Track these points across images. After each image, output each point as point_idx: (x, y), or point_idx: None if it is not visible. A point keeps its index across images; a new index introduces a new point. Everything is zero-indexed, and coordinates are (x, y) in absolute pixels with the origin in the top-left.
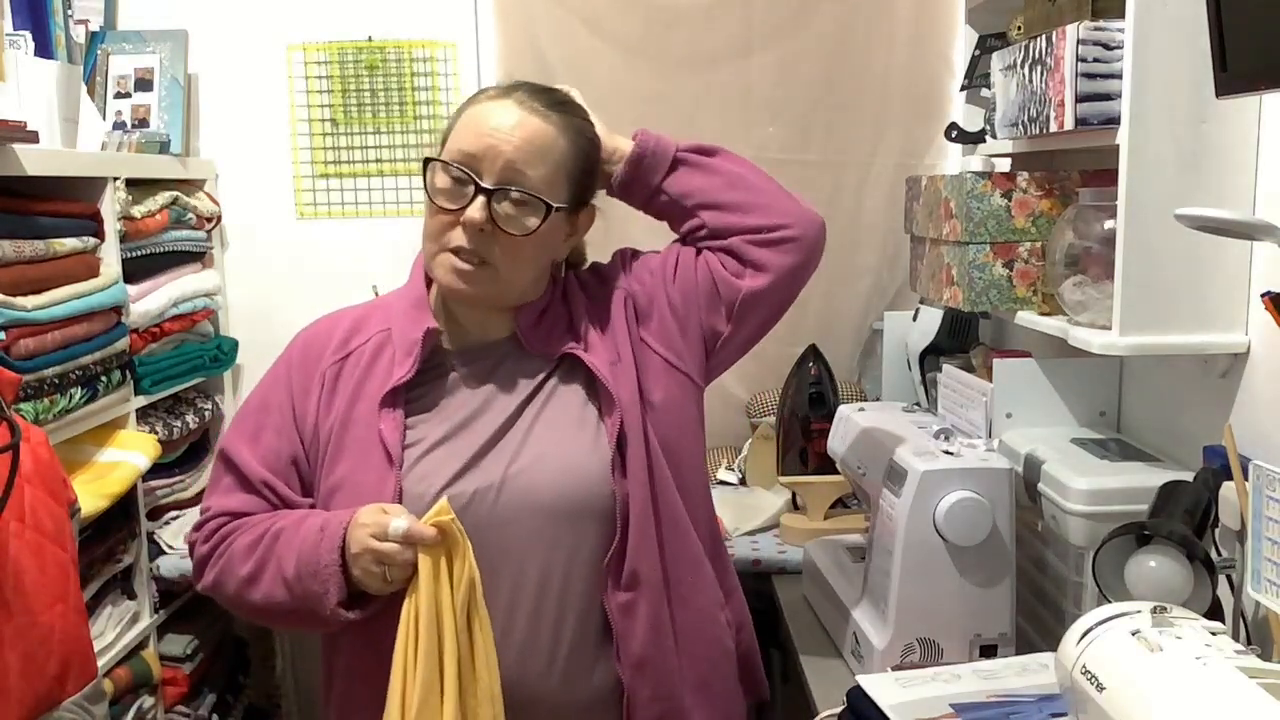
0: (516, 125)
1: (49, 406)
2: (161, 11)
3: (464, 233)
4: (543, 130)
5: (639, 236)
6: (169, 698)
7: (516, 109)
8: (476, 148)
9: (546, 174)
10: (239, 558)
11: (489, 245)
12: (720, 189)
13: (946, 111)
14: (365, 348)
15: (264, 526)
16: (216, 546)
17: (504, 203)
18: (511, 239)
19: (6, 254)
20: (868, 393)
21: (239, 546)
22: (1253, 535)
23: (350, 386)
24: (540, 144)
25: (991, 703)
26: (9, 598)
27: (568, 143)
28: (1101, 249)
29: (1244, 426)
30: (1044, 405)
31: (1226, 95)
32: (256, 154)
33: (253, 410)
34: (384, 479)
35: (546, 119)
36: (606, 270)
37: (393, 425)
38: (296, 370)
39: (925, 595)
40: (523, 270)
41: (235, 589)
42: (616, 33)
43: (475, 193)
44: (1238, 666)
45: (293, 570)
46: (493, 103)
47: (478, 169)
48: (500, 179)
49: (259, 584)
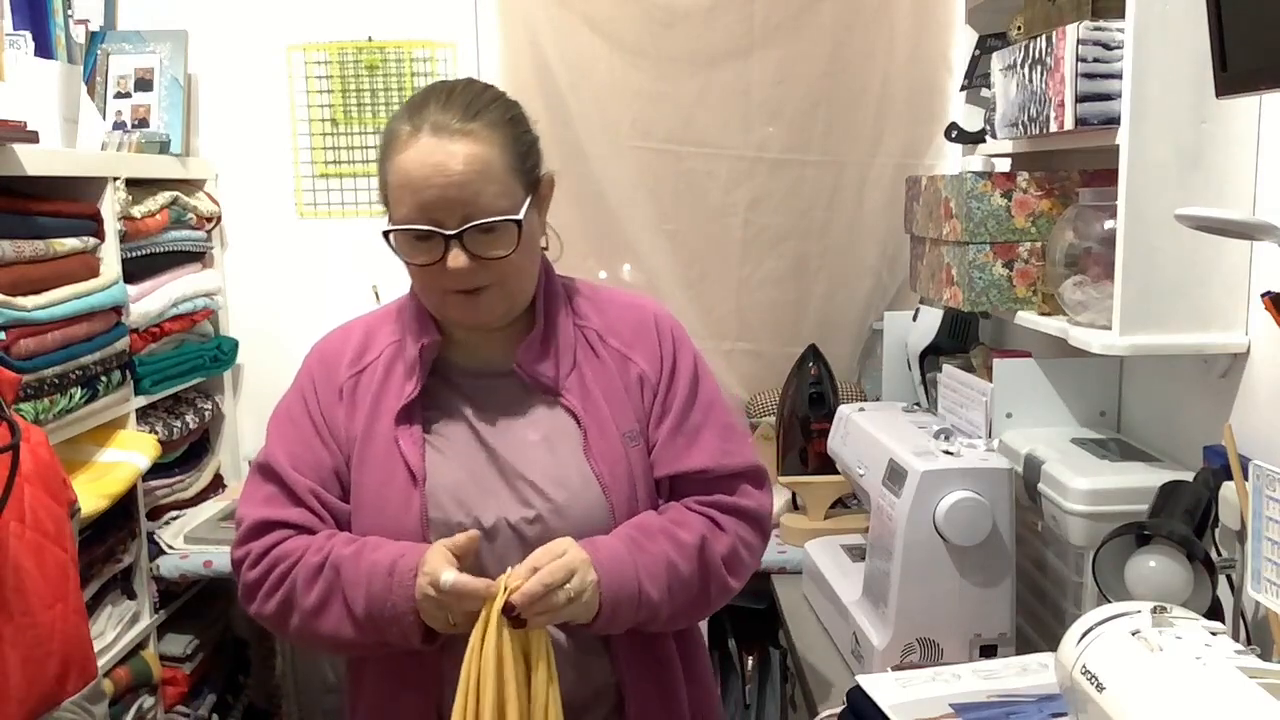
0: (447, 161)
1: (49, 406)
2: (161, 11)
3: (453, 277)
4: (472, 152)
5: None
6: (169, 698)
7: (436, 142)
8: (423, 202)
9: (499, 189)
10: (302, 588)
11: (482, 275)
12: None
13: (946, 111)
14: (379, 362)
15: (323, 554)
16: (271, 571)
17: (475, 237)
18: (498, 261)
19: (6, 254)
20: (868, 393)
21: (302, 576)
22: (1253, 535)
23: (369, 401)
24: (478, 167)
25: (991, 703)
26: (9, 598)
27: (499, 144)
28: (1101, 249)
29: (1244, 426)
30: (1044, 405)
31: (1226, 95)
32: (256, 154)
33: (285, 423)
34: (409, 497)
35: (468, 135)
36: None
37: (412, 442)
38: (320, 383)
39: (925, 595)
40: (522, 277)
41: (300, 621)
42: (616, 33)
43: (446, 242)
44: (1238, 666)
45: (363, 610)
46: (413, 147)
47: (435, 220)
48: (461, 220)
49: (325, 617)
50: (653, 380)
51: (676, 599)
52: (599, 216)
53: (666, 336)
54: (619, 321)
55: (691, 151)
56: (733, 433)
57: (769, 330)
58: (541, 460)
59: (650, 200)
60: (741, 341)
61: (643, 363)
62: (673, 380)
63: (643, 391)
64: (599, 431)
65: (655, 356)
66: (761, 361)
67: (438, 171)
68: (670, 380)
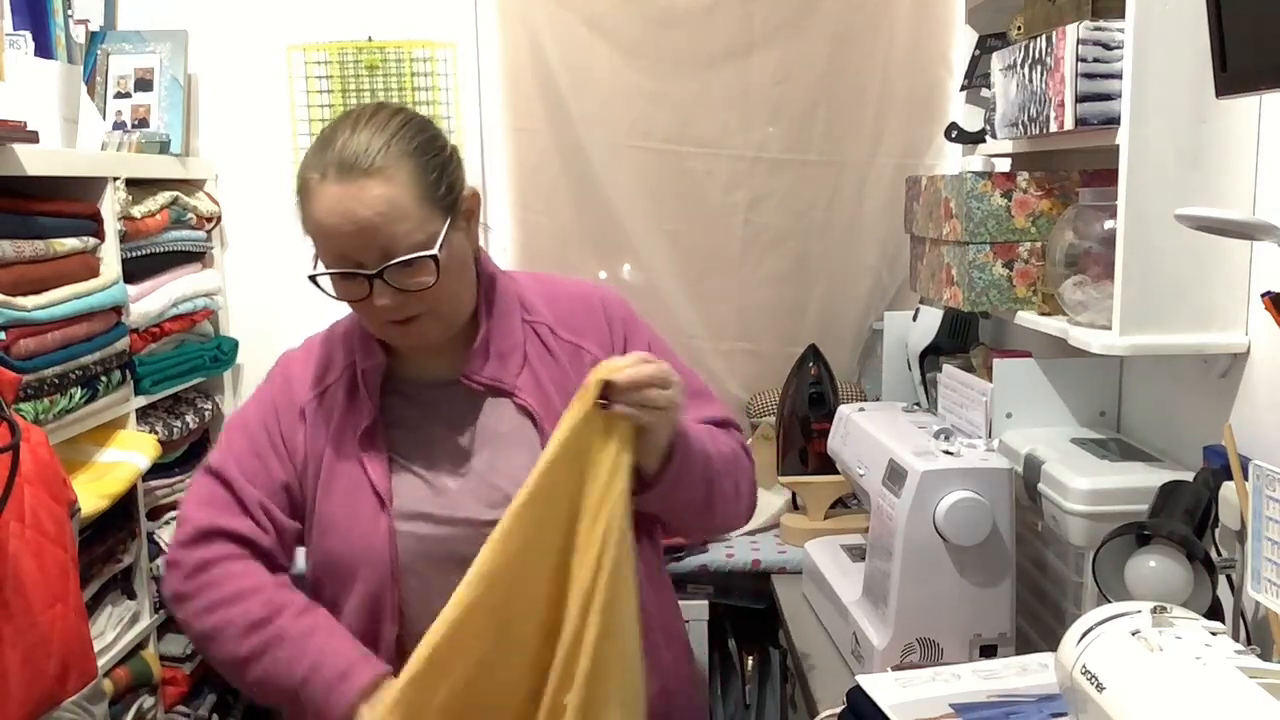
0: (355, 208)
1: (49, 406)
2: (161, 11)
3: (384, 311)
4: (378, 194)
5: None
6: (169, 698)
7: (342, 187)
8: (340, 249)
9: (411, 225)
10: (235, 634)
11: (412, 304)
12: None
13: (946, 111)
14: (339, 385)
15: (265, 612)
16: (202, 591)
17: (396, 272)
18: (426, 291)
19: (6, 254)
20: (868, 393)
21: (237, 622)
22: (1253, 535)
23: (332, 423)
24: (384, 209)
25: (991, 703)
26: (9, 598)
27: (406, 180)
28: (1101, 249)
29: (1244, 426)
30: (1044, 405)
31: (1226, 95)
32: (256, 154)
33: (243, 432)
34: (376, 519)
35: (374, 175)
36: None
37: (377, 463)
38: (281, 400)
39: (925, 595)
40: (454, 298)
41: (225, 659)
42: (616, 33)
43: (369, 281)
44: (1238, 666)
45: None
46: (322, 196)
47: (355, 261)
48: (379, 256)
49: (253, 669)
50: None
51: (721, 474)
52: (599, 216)
53: (616, 319)
54: (568, 312)
55: (691, 151)
56: (702, 395)
57: (769, 330)
58: (502, 460)
59: (650, 200)
60: (741, 341)
61: (594, 348)
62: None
63: None
64: (554, 425)
65: (605, 339)
66: (761, 361)
67: (346, 220)
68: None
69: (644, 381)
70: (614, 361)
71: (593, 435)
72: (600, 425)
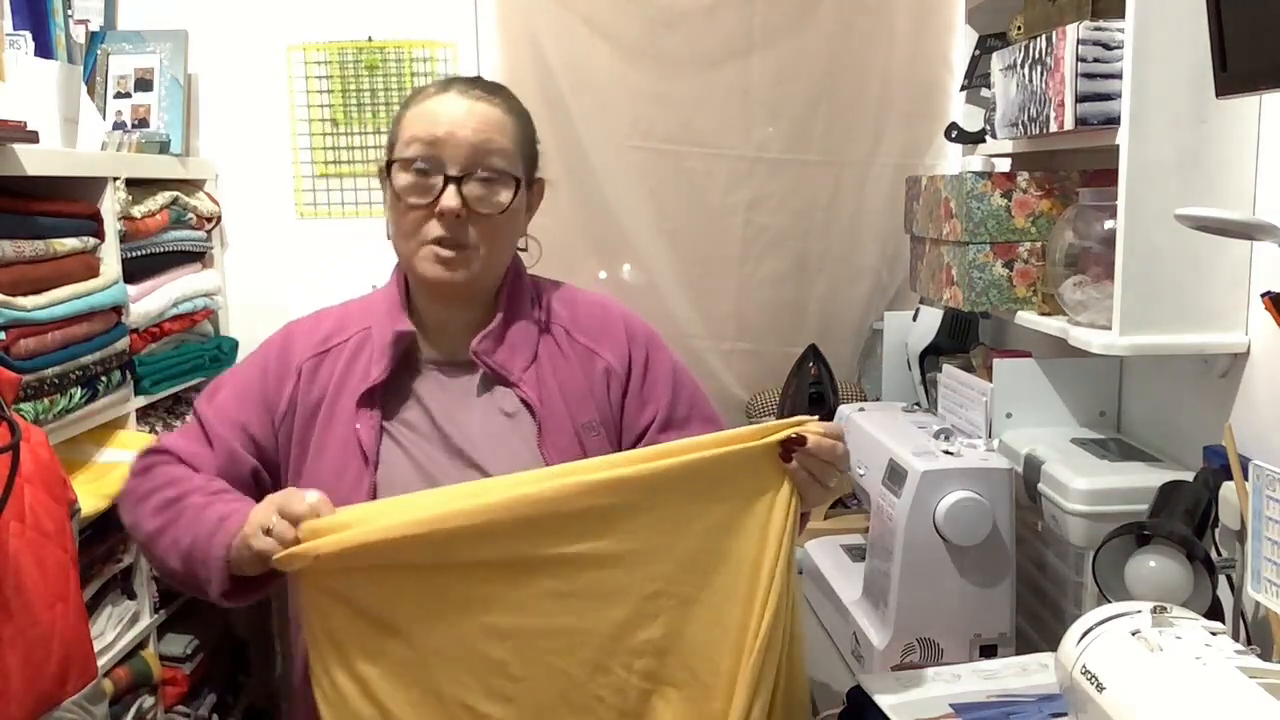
0: (468, 111)
1: (49, 406)
2: (161, 11)
3: (440, 223)
4: (492, 112)
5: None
6: (169, 698)
7: (461, 98)
8: (435, 139)
9: (508, 149)
10: (150, 512)
11: (466, 230)
12: None
13: (946, 111)
14: (346, 345)
15: (182, 488)
16: (140, 486)
17: (472, 184)
18: (487, 219)
19: (6, 254)
20: (868, 393)
21: (155, 500)
22: (1253, 535)
23: (330, 383)
24: (495, 123)
25: (991, 703)
26: (9, 598)
27: (515, 121)
28: (1101, 249)
29: (1244, 426)
30: (1044, 405)
31: (1226, 95)
32: (256, 154)
33: (228, 380)
34: (360, 479)
35: (492, 102)
36: (596, 330)
37: (370, 427)
38: (275, 357)
39: (925, 595)
40: (501, 249)
41: (143, 538)
42: (616, 33)
43: (444, 182)
44: (1238, 666)
45: (186, 546)
46: (436, 98)
47: (440, 159)
48: (466, 163)
49: (159, 544)
50: (620, 373)
51: None
52: (599, 216)
53: (639, 336)
54: (587, 318)
55: (691, 151)
56: (717, 421)
57: (769, 330)
58: (495, 450)
59: (650, 200)
60: (741, 341)
61: (609, 356)
62: (646, 373)
63: (609, 384)
64: (553, 423)
65: (623, 351)
66: (761, 361)
67: (458, 115)
68: (645, 373)
69: (830, 458)
70: (818, 424)
71: (757, 466)
72: (768, 463)
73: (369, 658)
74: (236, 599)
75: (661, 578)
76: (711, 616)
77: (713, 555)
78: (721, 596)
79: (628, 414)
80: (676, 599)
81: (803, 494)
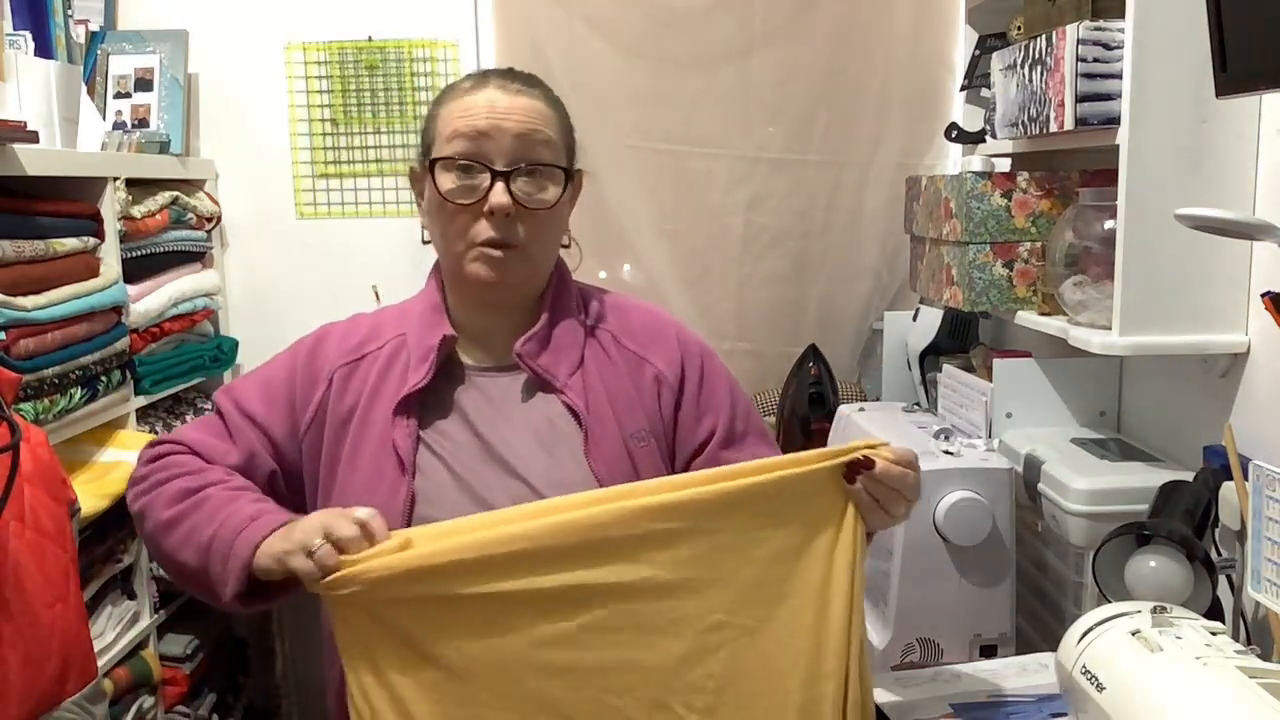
0: (510, 103)
1: (49, 406)
2: (161, 11)
3: (489, 222)
4: (534, 103)
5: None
6: (169, 698)
7: (500, 92)
8: (479, 132)
9: (553, 141)
10: (165, 501)
11: (515, 229)
12: None
13: (946, 111)
14: (380, 353)
15: (203, 479)
16: (155, 473)
17: (520, 180)
18: (535, 216)
19: (6, 254)
20: (868, 393)
21: (172, 489)
22: (1253, 535)
23: (364, 391)
24: (538, 117)
25: (991, 703)
26: (9, 598)
27: (556, 112)
28: (1101, 249)
29: (1244, 426)
30: (1044, 405)
31: (1226, 95)
32: (256, 154)
33: (254, 378)
34: (397, 487)
35: (532, 94)
36: (645, 337)
37: (406, 433)
38: (305, 361)
39: (925, 595)
40: (549, 246)
41: (152, 529)
42: (616, 33)
43: (491, 179)
44: (1238, 666)
45: (207, 539)
46: (474, 93)
47: (487, 154)
48: (513, 157)
49: (171, 535)
50: (671, 381)
51: None
52: (599, 216)
53: (692, 347)
54: (637, 325)
55: (691, 151)
56: (768, 436)
57: (769, 330)
58: (539, 460)
59: (650, 200)
60: (741, 341)
61: (659, 363)
62: (703, 383)
63: (659, 392)
64: (601, 432)
65: (675, 358)
66: (761, 361)
67: (499, 109)
68: (700, 383)
69: (899, 485)
70: (889, 449)
71: (822, 489)
72: (833, 486)
73: (411, 687)
74: (248, 605)
75: (723, 608)
76: (776, 648)
77: (777, 583)
78: (787, 627)
79: (682, 426)
80: (738, 630)
81: (865, 519)
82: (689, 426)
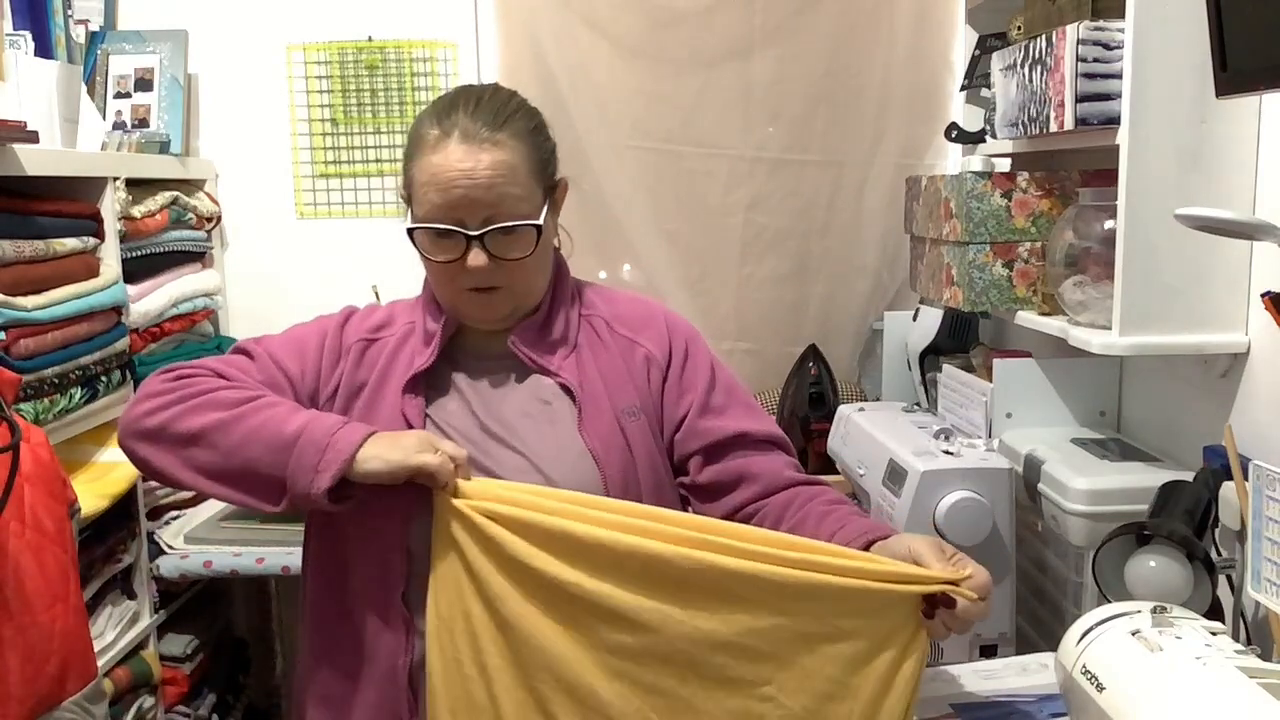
0: (474, 166)
1: (49, 406)
2: (161, 11)
3: (471, 276)
4: (498, 159)
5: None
6: (169, 698)
7: (465, 149)
8: (449, 202)
9: (520, 194)
10: (215, 404)
11: (498, 275)
12: None
13: (946, 111)
14: (393, 336)
15: (257, 390)
16: (183, 387)
17: (495, 236)
18: (515, 263)
19: (6, 254)
20: (868, 393)
21: (222, 395)
22: (1253, 535)
23: (376, 370)
24: (503, 171)
25: (991, 703)
26: (9, 598)
27: (523, 152)
28: (1101, 249)
29: (1244, 426)
30: (1044, 405)
31: (1226, 95)
32: (256, 154)
33: (283, 337)
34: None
35: (496, 143)
36: (636, 322)
37: (415, 410)
38: (333, 333)
39: None
40: (536, 276)
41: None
42: (616, 33)
43: (467, 242)
44: (1238, 666)
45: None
46: (441, 150)
47: (459, 219)
48: (484, 221)
49: (228, 433)
50: (660, 361)
51: None
52: (599, 216)
53: (679, 330)
54: (628, 312)
55: (691, 151)
56: (756, 409)
57: (769, 330)
58: (536, 435)
59: (650, 200)
60: (741, 341)
61: (649, 345)
62: (686, 362)
63: (649, 371)
64: (594, 408)
65: (664, 341)
66: (761, 361)
67: (464, 175)
68: (684, 363)
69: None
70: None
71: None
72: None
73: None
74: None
75: (777, 683)
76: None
77: (833, 683)
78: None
79: (667, 402)
80: (786, 711)
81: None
82: (672, 402)
